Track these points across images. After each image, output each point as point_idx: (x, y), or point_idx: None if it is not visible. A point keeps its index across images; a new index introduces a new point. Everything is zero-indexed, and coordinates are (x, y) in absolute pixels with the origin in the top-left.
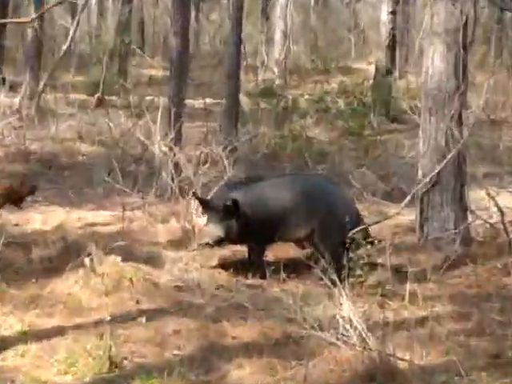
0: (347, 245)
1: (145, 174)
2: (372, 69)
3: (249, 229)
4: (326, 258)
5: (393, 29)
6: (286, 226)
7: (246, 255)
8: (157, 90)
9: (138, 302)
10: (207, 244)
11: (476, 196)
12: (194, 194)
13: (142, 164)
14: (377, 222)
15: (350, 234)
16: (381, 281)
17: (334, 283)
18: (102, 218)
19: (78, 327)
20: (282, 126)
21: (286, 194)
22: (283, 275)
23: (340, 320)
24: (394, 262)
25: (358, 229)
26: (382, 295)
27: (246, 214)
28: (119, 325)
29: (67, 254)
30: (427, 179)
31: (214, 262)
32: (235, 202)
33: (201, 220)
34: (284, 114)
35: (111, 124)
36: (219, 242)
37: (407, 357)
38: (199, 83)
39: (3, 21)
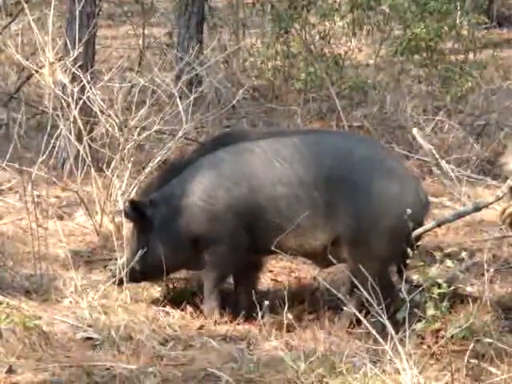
0: (407, 260)
1: (25, 126)
2: None
3: (184, 237)
4: (364, 284)
5: None
6: (276, 228)
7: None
8: None
9: (10, 371)
10: (117, 283)
11: None
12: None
13: (21, 106)
14: (460, 216)
15: (412, 240)
16: (473, 328)
17: (382, 332)
18: None
19: None
20: (286, 35)
21: (278, 169)
22: (288, 316)
23: None
24: (498, 293)
25: (426, 228)
26: (476, 356)
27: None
28: None
29: None
30: None
31: (157, 292)
32: (132, 202)
33: None
34: (292, 11)
35: None
36: (138, 279)
37: None
38: None
39: None
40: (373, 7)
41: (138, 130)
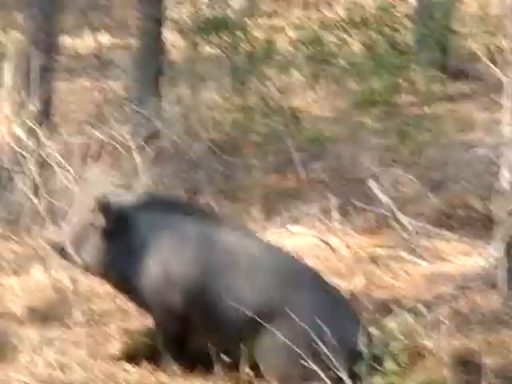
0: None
1: None
2: None
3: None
4: None
5: None
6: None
7: None
8: (5, 19)
9: None
10: (59, 252)
11: None
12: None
13: None
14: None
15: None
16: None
17: None
18: None
19: None
20: (243, 89)
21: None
22: (247, 372)
23: None
24: (456, 347)
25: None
26: None
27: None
28: None
29: None
30: None
31: (115, 348)
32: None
33: None
34: (249, 65)
35: None
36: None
37: None
38: (88, 6)
39: None
40: (329, 60)
41: None
